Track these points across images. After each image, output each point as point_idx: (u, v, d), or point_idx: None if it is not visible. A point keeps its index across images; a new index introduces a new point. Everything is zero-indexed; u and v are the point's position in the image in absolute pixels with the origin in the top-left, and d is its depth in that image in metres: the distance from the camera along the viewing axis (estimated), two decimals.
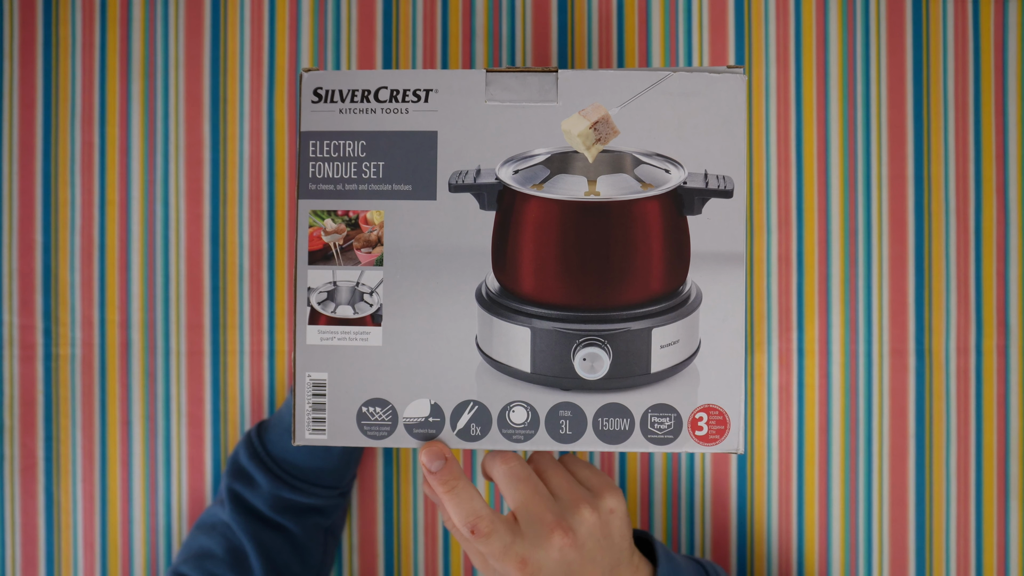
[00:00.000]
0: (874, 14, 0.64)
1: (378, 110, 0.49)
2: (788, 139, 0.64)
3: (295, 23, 0.65)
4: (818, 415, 0.64)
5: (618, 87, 0.48)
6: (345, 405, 0.49)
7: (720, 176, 0.48)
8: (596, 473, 0.51)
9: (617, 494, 0.50)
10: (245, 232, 0.65)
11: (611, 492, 0.50)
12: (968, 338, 0.64)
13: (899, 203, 0.64)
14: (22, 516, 0.65)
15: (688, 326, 0.49)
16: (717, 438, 0.49)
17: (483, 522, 0.46)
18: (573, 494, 0.49)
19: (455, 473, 0.48)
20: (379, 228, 0.49)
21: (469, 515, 0.47)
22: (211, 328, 0.65)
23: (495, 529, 0.46)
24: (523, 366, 0.49)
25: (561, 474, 0.50)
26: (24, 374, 0.65)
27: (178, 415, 0.65)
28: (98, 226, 0.65)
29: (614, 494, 0.50)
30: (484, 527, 0.46)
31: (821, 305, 0.64)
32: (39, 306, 0.65)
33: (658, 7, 0.65)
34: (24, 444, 0.65)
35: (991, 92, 0.64)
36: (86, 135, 0.65)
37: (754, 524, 0.65)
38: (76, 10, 0.65)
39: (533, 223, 0.49)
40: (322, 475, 0.59)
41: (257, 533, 0.57)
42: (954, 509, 0.64)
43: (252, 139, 0.65)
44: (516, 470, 0.49)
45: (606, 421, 0.49)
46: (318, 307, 0.49)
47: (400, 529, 0.65)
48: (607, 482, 0.51)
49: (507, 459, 0.49)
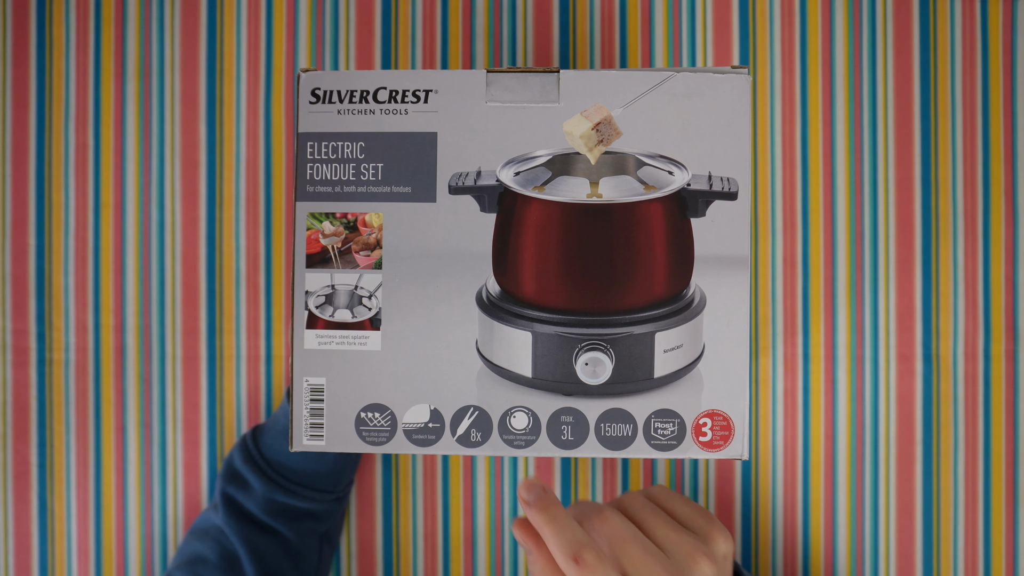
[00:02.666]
0: (880, 13, 0.64)
1: (377, 111, 0.49)
2: (793, 140, 0.64)
3: (292, 22, 0.65)
4: (823, 421, 0.64)
5: (621, 88, 0.48)
6: (343, 411, 0.49)
7: (724, 178, 0.48)
8: (697, 510, 0.48)
9: (726, 536, 0.47)
10: (242, 235, 0.65)
11: (721, 535, 0.47)
12: (976, 342, 0.64)
13: (906, 205, 0.64)
14: (15, 524, 0.65)
15: (692, 330, 0.49)
16: (721, 444, 0.49)
17: (588, 552, 0.42)
18: (686, 545, 0.45)
19: (554, 500, 0.44)
20: (378, 231, 0.49)
21: (573, 544, 0.42)
22: (207, 332, 0.65)
23: (601, 564, 0.42)
24: (524, 371, 0.49)
25: (664, 522, 0.46)
26: (17, 379, 0.65)
27: (174, 421, 0.65)
28: (93, 229, 0.65)
29: (724, 537, 0.47)
30: (590, 558, 0.42)
31: (827, 309, 0.64)
32: (32, 310, 0.65)
33: (661, 6, 0.65)
34: (17, 450, 0.65)
35: (999, 93, 0.64)
36: (80, 137, 0.65)
37: (758, 532, 0.65)
38: (70, 10, 0.65)
39: (535, 226, 0.49)
40: (317, 479, 0.58)
41: (250, 538, 0.57)
42: (962, 517, 0.64)
43: (249, 140, 0.65)
44: (619, 530, 0.45)
45: (608, 427, 0.49)
46: (316, 311, 0.49)
47: (399, 536, 0.65)
48: (712, 521, 0.47)
49: (606, 518, 0.45)
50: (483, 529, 0.65)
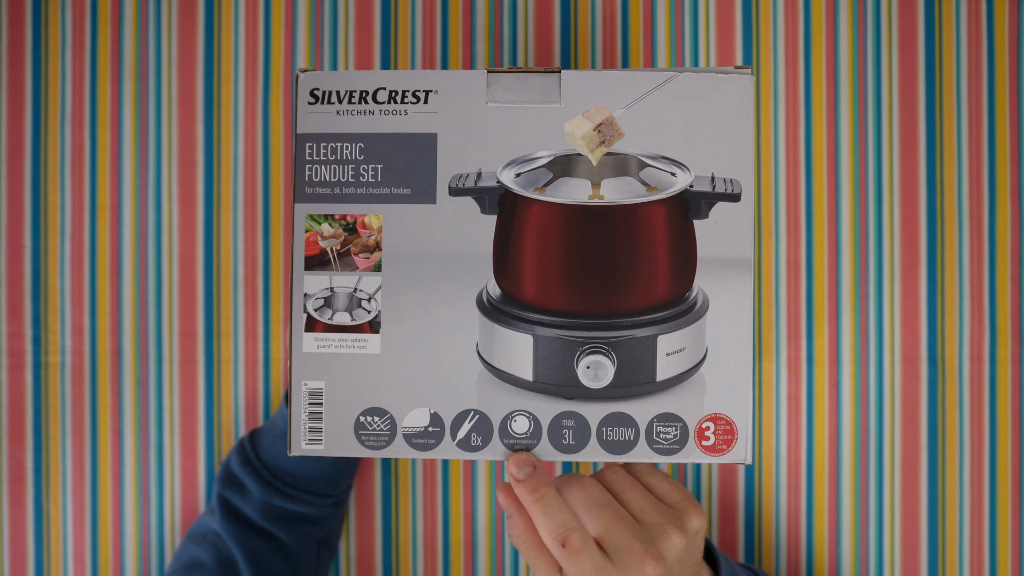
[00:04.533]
0: (885, 13, 0.64)
1: (376, 112, 0.49)
2: (797, 141, 0.64)
3: (291, 22, 0.65)
4: (828, 425, 0.64)
5: (623, 88, 0.48)
6: (342, 414, 0.49)
7: (727, 179, 0.48)
8: (675, 487, 0.49)
9: (700, 512, 0.48)
10: (240, 237, 0.65)
11: (695, 510, 0.48)
12: (982, 346, 0.64)
13: (911, 207, 0.64)
14: (10, 529, 0.65)
15: (694, 333, 0.49)
16: (724, 448, 0.49)
17: (575, 536, 0.44)
18: (658, 516, 0.47)
19: (543, 481, 0.46)
20: (377, 233, 0.49)
21: (560, 527, 0.45)
22: (205, 336, 0.65)
23: (586, 547, 0.44)
24: (525, 374, 0.49)
25: (640, 494, 0.48)
26: (12, 383, 0.65)
27: (171, 425, 0.65)
28: (89, 231, 0.65)
29: (698, 512, 0.48)
30: (576, 542, 0.44)
31: (831, 312, 0.64)
32: (28, 313, 0.65)
33: (664, 6, 0.65)
34: (12, 455, 0.65)
35: (1005, 93, 0.64)
36: (77, 138, 0.65)
37: (762, 536, 0.64)
38: (66, 10, 0.65)
39: (536, 228, 0.48)
40: (315, 483, 0.58)
41: (247, 542, 0.57)
42: (967, 523, 0.64)
43: (247, 141, 0.65)
44: (595, 496, 0.46)
45: (610, 431, 0.49)
46: (315, 314, 0.49)
47: (399, 542, 0.65)
48: (688, 498, 0.49)
49: (584, 485, 0.47)
50: (483, 535, 0.64)
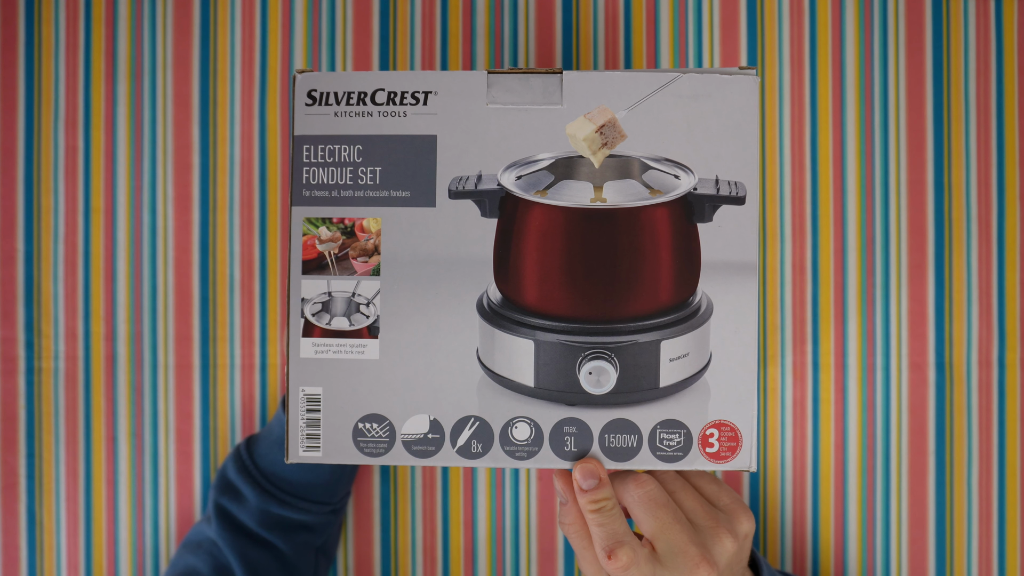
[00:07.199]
0: (892, 13, 0.64)
1: (375, 113, 0.49)
2: (803, 143, 0.64)
3: (288, 22, 0.65)
4: (834, 431, 0.64)
5: (625, 89, 0.48)
6: (340, 421, 0.49)
7: (732, 182, 0.48)
8: (723, 489, 0.51)
9: (749, 516, 0.50)
10: (236, 240, 0.65)
11: (745, 514, 0.49)
12: (990, 350, 0.64)
13: (918, 210, 0.64)
14: (3, 537, 0.65)
15: (698, 338, 0.49)
16: (729, 455, 0.48)
17: (624, 549, 0.46)
18: (710, 519, 0.48)
19: (608, 494, 0.47)
20: (376, 236, 0.48)
21: (610, 537, 0.46)
22: (200, 340, 0.65)
23: (636, 561, 0.46)
24: (526, 380, 0.49)
25: (692, 495, 0.49)
26: (5, 388, 0.65)
27: (166, 431, 0.64)
28: (82, 234, 0.65)
29: (748, 516, 0.49)
30: (623, 557, 0.46)
31: (837, 316, 0.64)
32: (21, 318, 0.65)
33: (667, 5, 0.65)
34: (5, 462, 0.65)
35: (1014, 94, 0.64)
36: (70, 139, 0.65)
37: (767, 544, 0.64)
38: (59, 9, 0.65)
39: (537, 231, 0.48)
40: (312, 490, 0.58)
41: (244, 551, 0.57)
42: (976, 529, 0.64)
43: (243, 143, 0.65)
44: (654, 495, 0.47)
45: (613, 438, 0.48)
46: (312, 319, 0.49)
47: (397, 550, 0.65)
48: (737, 500, 0.50)
49: (642, 483, 0.48)
50: (484, 543, 0.64)
